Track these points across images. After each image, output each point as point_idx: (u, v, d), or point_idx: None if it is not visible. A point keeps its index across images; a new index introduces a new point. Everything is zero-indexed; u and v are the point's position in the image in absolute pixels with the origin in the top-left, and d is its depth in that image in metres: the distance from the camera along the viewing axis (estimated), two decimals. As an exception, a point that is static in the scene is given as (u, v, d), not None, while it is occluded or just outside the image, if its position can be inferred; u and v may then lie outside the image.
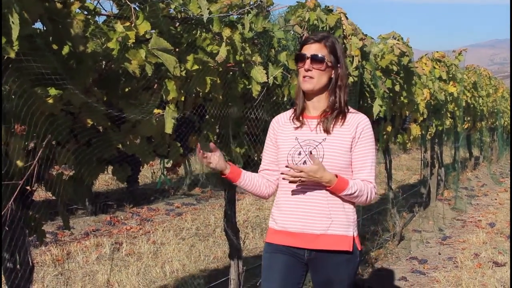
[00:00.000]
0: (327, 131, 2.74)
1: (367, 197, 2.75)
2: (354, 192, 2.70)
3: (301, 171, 2.63)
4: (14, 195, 2.20)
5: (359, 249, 2.79)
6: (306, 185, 2.72)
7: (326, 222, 2.71)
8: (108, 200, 8.78)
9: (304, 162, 2.72)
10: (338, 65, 2.79)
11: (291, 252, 2.77)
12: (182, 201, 9.78)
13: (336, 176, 2.67)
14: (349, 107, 2.84)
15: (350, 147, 2.74)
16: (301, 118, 2.83)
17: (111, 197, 8.94)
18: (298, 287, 2.80)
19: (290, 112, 2.94)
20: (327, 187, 2.68)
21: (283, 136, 2.86)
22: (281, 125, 2.91)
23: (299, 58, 2.79)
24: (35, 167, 2.25)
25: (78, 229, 7.53)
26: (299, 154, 2.75)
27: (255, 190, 2.94)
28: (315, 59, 2.74)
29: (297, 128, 2.82)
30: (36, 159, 2.23)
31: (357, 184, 2.71)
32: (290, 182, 2.70)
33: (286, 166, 2.71)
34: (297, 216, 2.74)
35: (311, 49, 2.76)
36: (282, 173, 2.73)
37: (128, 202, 8.82)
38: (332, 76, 2.79)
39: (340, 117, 2.77)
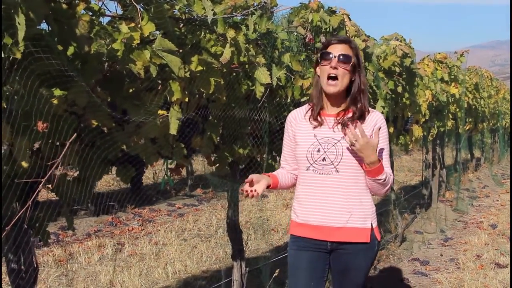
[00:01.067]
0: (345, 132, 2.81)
1: (388, 187, 2.86)
2: (385, 180, 2.80)
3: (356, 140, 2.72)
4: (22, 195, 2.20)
5: (378, 239, 2.90)
6: (325, 181, 2.82)
7: (345, 215, 2.82)
8: (110, 201, 8.78)
9: (323, 159, 2.82)
10: (359, 68, 2.85)
11: (314, 246, 2.89)
12: (183, 202, 9.78)
13: (379, 160, 2.77)
14: (367, 106, 2.90)
15: None
16: (319, 117, 2.88)
17: (113, 198, 8.93)
18: (323, 280, 2.93)
19: (305, 108, 2.98)
20: (366, 168, 2.77)
21: (301, 133, 2.91)
22: (298, 121, 2.95)
23: (325, 56, 2.80)
24: (41, 168, 2.24)
25: (80, 230, 7.52)
26: (318, 151, 2.83)
27: (286, 187, 3.06)
28: (343, 58, 2.77)
29: (315, 127, 2.88)
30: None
31: (387, 173, 2.82)
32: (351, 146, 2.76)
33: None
34: (317, 210, 2.86)
35: (337, 49, 2.80)
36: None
37: (130, 203, 8.81)
38: (354, 78, 2.83)
39: (361, 120, 2.85)
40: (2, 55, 2.03)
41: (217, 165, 3.75)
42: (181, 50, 2.93)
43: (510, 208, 9.32)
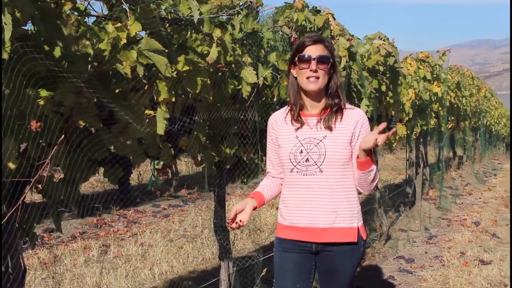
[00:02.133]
0: (329, 128, 2.80)
1: (376, 182, 2.86)
2: (374, 173, 2.79)
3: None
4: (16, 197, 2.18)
5: (364, 238, 2.89)
6: (310, 182, 2.80)
7: (331, 216, 2.81)
8: (95, 202, 8.72)
9: (307, 160, 2.80)
10: (335, 64, 2.85)
11: (299, 248, 2.88)
12: (168, 202, 9.75)
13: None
14: (345, 101, 2.89)
15: (349, 142, 2.80)
16: (299, 118, 2.86)
17: (98, 200, 8.88)
18: (309, 281, 2.91)
19: (285, 111, 2.95)
20: (359, 160, 2.74)
21: (283, 135, 2.89)
22: (279, 124, 2.93)
23: (303, 59, 2.77)
24: (28, 169, 2.23)
25: (65, 232, 7.46)
26: (301, 152, 2.81)
27: (275, 197, 3.07)
28: (321, 60, 2.76)
29: (297, 129, 2.86)
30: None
31: (375, 168, 2.82)
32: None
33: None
34: (304, 212, 2.84)
35: (315, 50, 2.77)
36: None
37: (115, 204, 8.76)
38: (333, 76, 2.83)
39: (339, 114, 2.83)
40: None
41: (204, 165, 3.74)
42: (167, 50, 2.93)
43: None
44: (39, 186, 2.44)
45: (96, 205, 8.63)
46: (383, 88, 6.02)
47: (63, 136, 2.48)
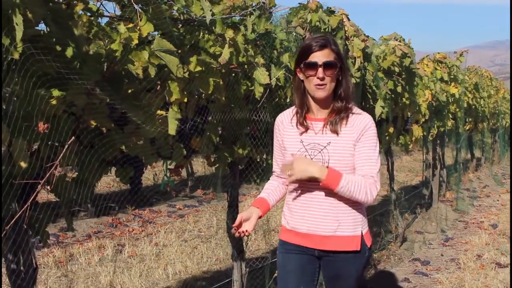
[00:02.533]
0: (335, 132, 2.72)
1: (366, 192, 2.66)
2: (350, 185, 2.64)
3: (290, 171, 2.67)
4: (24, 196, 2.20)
5: (368, 245, 2.83)
6: (313, 188, 2.74)
7: (333, 224, 2.75)
8: (110, 202, 8.78)
9: None
10: (343, 67, 2.75)
11: (302, 251, 2.85)
12: (184, 203, 9.78)
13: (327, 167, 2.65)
14: (353, 105, 2.81)
15: (354, 148, 2.72)
16: (305, 122, 2.80)
17: (113, 199, 8.94)
18: (313, 283, 2.88)
19: (291, 112, 2.89)
20: (321, 182, 2.64)
21: (289, 137, 2.84)
22: (285, 126, 2.87)
23: (309, 67, 2.69)
24: (40, 169, 2.24)
25: (80, 231, 7.52)
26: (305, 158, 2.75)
27: (280, 199, 3.03)
28: (328, 66, 2.67)
29: (301, 133, 2.81)
30: (58, 160, 2.22)
31: (354, 178, 2.66)
32: (291, 182, 2.75)
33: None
34: (306, 218, 2.80)
35: (321, 56, 2.68)
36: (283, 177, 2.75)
37: (130, 204, 8.81)
38: (340, 78, 2.75)
39: (345, 118, 2.75)
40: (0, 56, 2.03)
41: (217, 165, 3.74)
42: (179, 51, 2.94)
43: (510, 209, 9.32)
44: (49, 186, 2.46)
45: (111, 205, 8.68)
46: (399, 89, 5.99)
47: (74, 136, 2.51)
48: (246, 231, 2.75)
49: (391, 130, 6.26)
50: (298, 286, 2.84)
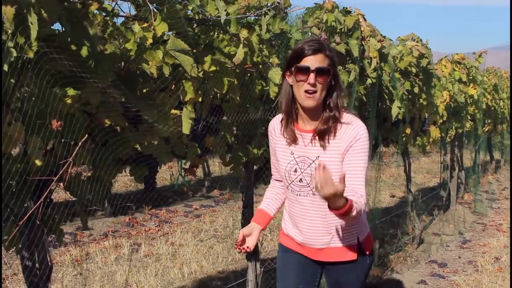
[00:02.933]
0: (323, 145, 2.58)
1: (360, 214, 2.50)
2: (355, 214, 2.43)
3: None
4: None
5: (368, 252, 2.75)
6: (304, 201, 2.69)
7: (326, 237, 2.70)
8: (127, 201, 8.83)
9: (300, 180, 2.65)
10: (336, 74, 2.59)
11: (303, 256, 2.82)
12: (200, 203, 9.80)
13: (346, 200, 2.35)
14: (343, 114, 2.61)
15: (342, 161, 2.58)
16: (293, 132, 2.64)
17: (130, 199, 8.99)
18: (314, 284, 2.82)
19: (280, 119, 2.73)
20: (331, 210, 2.39)
21: (280, 148, 2.73)
22: (277, 134, 2.74)
23: (301, 71, 2.51)
24: (54, 167, 2.26)
25: (97, 230, 7.58)
26: (295, 171, 2.66)
27: (280, 207, 2.95)
28: (321, 72, 2.50)
29: (289, 143, 2.67)
30: (72, 157, 2.24)
31: (357, 204, 2.42)
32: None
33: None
34: (300, 229, 2.76)
35: (314, 61, 2.50)
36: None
37: (147, 204, 8.86)
38: (334, 86, 2.58)
39: (333, 130, 2.58)
40: (15, 55, 2.05)
41: (232, 165, 3.75)
42: (194, 50, 2.95)
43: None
44: (61, 184, 2.48)
45: (128, 204, 8.73)
46: (416, 90, 5.95)
47: (87, 134, 2.52)
48: (248, 247, 2.73)
49: (408, 131, 6.22)
50: (297, 285, 2.79)
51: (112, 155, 2.64)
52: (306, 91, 2.51)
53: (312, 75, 2.48)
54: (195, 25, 3.12)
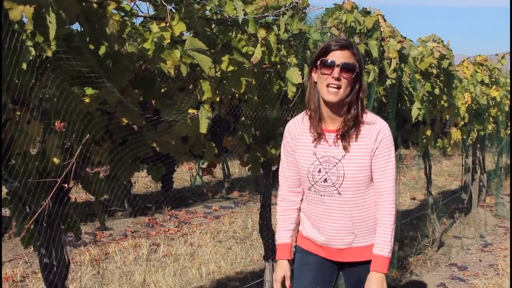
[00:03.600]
0: (347, 145, 2.60)
1: (393, 222, 2.66)
2: (392, 239, 2.66)
3: None
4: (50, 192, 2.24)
5: None
6: (327, 202, 2.67)
7: (349, 237, 2.70)
8: (147, 202, 8.88)
9: (325, 180, 2.63)
10: (361, 75, 2.60)
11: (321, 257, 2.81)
12: (220, 204, 9.82)
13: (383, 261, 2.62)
14: (364, 115, 2.63)
15: (370, 160, 2.61)
16: (319, 128, 2.63)
17: (150, 200, 9.04)
18: (331, 285, 2.82)
19: (303, 119, 2.73)
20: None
21: (301, 149, 2.70)
22: (298, 136, 2.72)
23: (325, 65, 2.51)
24: (72, 165, 2.28)
25: (116, 230, 7.62)
26: (319, 171, 2.64)
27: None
28: (346, 67, 2.50)
29: (314, 140, 2.65)
30: (74, 157, 2.26)
31: (386, 233, 2.64)
32: None
33: None
34: (322, 230, 2.73)
35: (339, 56, 2.51)
36: None
37: (166, 205, 8.90)
38: (357, 85, 2.58)
39: (357, 129, 2.60)
40: (34, 53, 2.07)
41: (250, 165, 3.75)
42: (212, 50, 2.95)
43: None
44: (82, 182, 2.50)
45: (148, 205, 8.78)
46: (437, 91, 5.90)
47: (107, 133, 2.55)
48: (289, 286, 2.76)
49: (428, 133, 6.17)
50: (315, 284, 2.78)
51: (130, 154, 2.65)
52: (328, 85, 2.51)
53: (337, 69, 2.49)
54: (214, 25, 3.13)
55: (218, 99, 3.10)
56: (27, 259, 5.84)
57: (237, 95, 3.26)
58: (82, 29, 2.35)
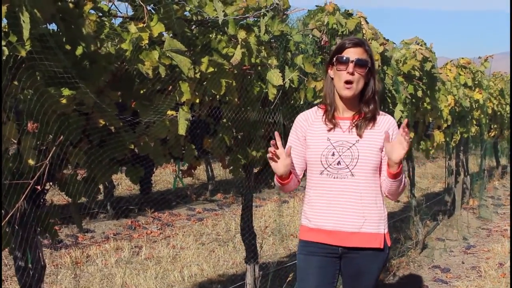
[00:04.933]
0: (360, 135, 2.78)
1: (403, 189, 2.84)
2: (402, 179, 2.76)
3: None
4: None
5: (389, 245, 2.88)
6: (339, 184, 2.78)
7: (359, 220, 2.79)
8: (130, 204, 8.82)
9: (338, 163, 2.77)
10: (373, 70, 2.82)
11: (325, 251, 2.84)
12: (203, 206, 9.78)
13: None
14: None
15: (381, 148, 2.77)
16: (333, 119, 2.82)
17: (133, 202, 8.98)
18: (333, 286, 2.88)
19: (316, 111, 2.92)
20: (390, 170, 2.70)
21: (314, 136, 2.85)
22: (310, 123, 2.88)
23: (341, 61, 2.74)
24: (46, 166, 2.25)
25: (98, 232, 7.57)
26: (333, 154, 2.78)
27: (289, 189, 2.97)
28: (359, 63, 2.73)
29: (329, 129, 2.82)
30: (47, 158, 2.22)
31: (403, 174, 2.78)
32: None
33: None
34: (331, 214, 2.80)
35: (354, 53, 2.75)
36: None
37: (150, 207, 8.85)
38: (369, 81, 2.80)
39: (372, 121, 2.81)
40: (7, 53, 2.04)
41: (231, 167, 3.73)
42: (191, 51, 2.93)
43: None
44: (59, 184, 2.47)
45: (131, 207, 8.73)
46: (419, 93, 5.92)
47: (84, 134, 2.51)
48: (275, 151, 2.71)
49: (411, 135, 6.18)
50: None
51: (107, 155, 2.62)
52: (345, 82, 2.73)
53: (351, 65, 2.72)
54: (194, 26, 3.11)
55: (198, 100, 3.08)
56: (7, 261, 5.77)
57: (217, 96, 3.23)
58: (58, 29, 2.32)
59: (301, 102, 3.74)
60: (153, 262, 6.29)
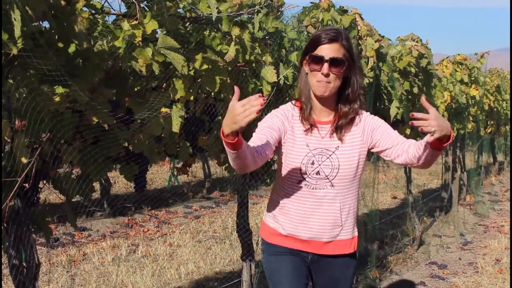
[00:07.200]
0: (340, 139, 2.60)
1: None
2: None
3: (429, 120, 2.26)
4: (14, 191, 2.20)
5: (356, 248, 2.78)
6: (319, 195, 2.62)
7: (337, 229, 2.68)
8: (126, 202, 8.81)
9: (317, 173, 2.59)
10: (353, 66, 2.57)
11: (295, 253, 2.73)
12: (200, 204, 9.77)
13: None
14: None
15: (359, 153, 2.62)
16: (310, 118, 2.60)
17: (130, 200, 8.97)
18: (307, 285, 2.77)
19: (293, 109, 2.66)
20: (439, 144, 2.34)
21: (293, 138, 2.62)
22: (290, 120, 2.63)
23: (315, 60, 2.50)
24: (36, 165, 2.24)
25: (95, 230, 7.56)
26: (312, 163, 2.59)
27: (249, 165, 2.41)
28: (335, 63, 2.49)
29: (306, 131, 2.60)
30: (35, 156, 2.21)
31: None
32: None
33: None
34: (309, 225, 2.67)
35: (329, 50, 2.49)
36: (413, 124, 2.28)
37: (147, 205, 8.84)
38: (351, 78, 2.58)
39: (352, 122, 2.62)
40: (-2, 51, 2.03)
41: (226, 165, 3.72)
42: (185, 48, 2.92)
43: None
44: (52, 182, 2.46)
45: (127, 205, 8.71)
46: (415, 90, 5.90)
47: (77, 132, 2.51)
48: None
49: (407, 131, 6.17)
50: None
51: (102, 153, 2.61)
52: (318, 81, 2.51)
53: (326, 65, 2.48)
54: (188, 23, 3.10)
55: (192, 97, 3.07)
56: (3, 260, 5.75)
57: (212, 93, 3.23)
58: (50, 27, 2.31)
59: (296, 99, 3.73)
60: (150, 260, 6.28)
